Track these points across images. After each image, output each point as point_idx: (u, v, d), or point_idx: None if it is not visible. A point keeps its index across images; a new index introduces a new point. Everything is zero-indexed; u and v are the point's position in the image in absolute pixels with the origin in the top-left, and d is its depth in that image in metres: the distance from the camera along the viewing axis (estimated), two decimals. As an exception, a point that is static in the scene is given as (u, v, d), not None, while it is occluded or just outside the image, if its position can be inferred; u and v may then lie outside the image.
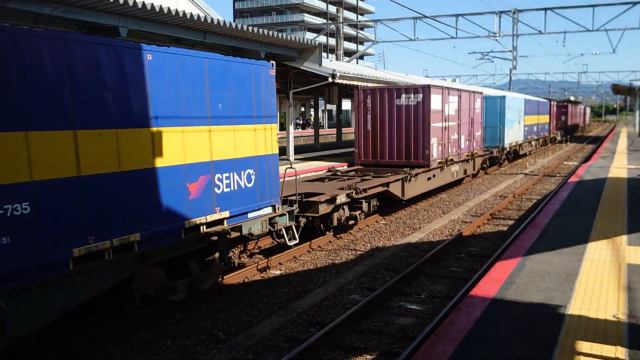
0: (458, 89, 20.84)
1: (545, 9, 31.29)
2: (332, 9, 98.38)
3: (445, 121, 18.95)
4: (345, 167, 18.94)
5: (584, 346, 5.45)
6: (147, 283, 7.71)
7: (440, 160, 18.69)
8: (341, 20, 36.79)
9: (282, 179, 10.24)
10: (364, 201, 13.67)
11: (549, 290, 7.15)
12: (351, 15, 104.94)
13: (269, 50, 19.59)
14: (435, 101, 18.02)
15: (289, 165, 10.81)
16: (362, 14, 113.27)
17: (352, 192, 13.04)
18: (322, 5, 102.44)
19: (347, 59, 40.02)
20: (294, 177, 11.65)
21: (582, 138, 60.39)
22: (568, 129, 56.10)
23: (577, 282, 7.50)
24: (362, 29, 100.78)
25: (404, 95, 17.84)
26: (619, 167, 21.86)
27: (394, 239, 13.54)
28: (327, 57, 35.07)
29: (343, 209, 13.03)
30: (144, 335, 7.79)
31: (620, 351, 5.33)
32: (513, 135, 30.01)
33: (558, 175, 26.31)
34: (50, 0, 12.12)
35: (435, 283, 10.07)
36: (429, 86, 17.78)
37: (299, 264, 11.37)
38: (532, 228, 11.02)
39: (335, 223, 12.84)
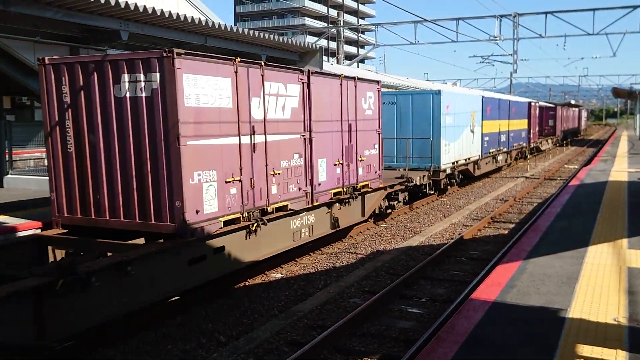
0: (300, 71, 10.96)
1: (546, 13, 31.37)
2: (333, 12, 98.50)
3: (254, 133, 9.53)
4: (25, 232, 9.16)
5: (584, 349, 5.45)
6: None
7: (234, 214, 9.12)
8: (342, 24, 36.84)
9: None
10: None
11: (549, 294, 7.16)
12: (352, 19, 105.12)
13: (270, 54, 19.64)
14: (198, 88, 8.33)
15: None
16: (362, 18, 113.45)
17: None
18: (323, 9, 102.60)
19: (347, 62, 40.09)
20: None
21: (582, 142, 60.36)
22: (559, 135, 49.11)
23: (577, 285, 7.50)
24: (362, 32, 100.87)
25: (126, 77, 8.30)
26: (620, 171, 21.86)
27: (394, 242, 13.54)
28: (328, 61, 35.09)
29: None
30: (144, 338, 7.79)
31: (621, 355, 5.33)
32: (460, 149, 21.32)
33: (559, 178, 26.32)
34: (51, 4, 12.16)
35: (436, 286, 10.07)
36: (170, 54, 7.93)
37: (299, 267, 11.38)
38: (532, 231, 11.02)
39: None
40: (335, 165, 12.20)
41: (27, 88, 15.46)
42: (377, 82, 14.44)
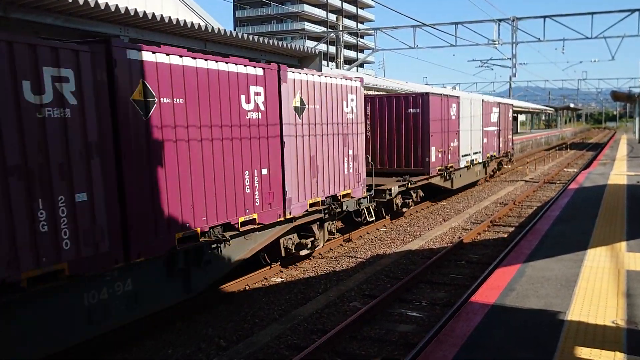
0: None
1: (544, 17, 31.46)
2: (332, 17, 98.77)
3: None
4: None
5: (583, 352, 5.48)
6: None
7: None
8: (341, 29, 36.94)
9: None
10: None
11: (548, 297, 7.18)
12: (351, 24, 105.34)
13: (269, 59, 19.72)
14: None
15: None
16: (362, 22, 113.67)
17: None
18: (322, 14, 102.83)
19: (347, 66, 40.19)
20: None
21: (582, 145, 60.35)
22: None
23: (576, 288, 7.53)
24: (362, 37, 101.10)
25: None
26: (619, 174, 21.90)
27: (394, 246, 13.56)
28: (328, 65, 35.15)
29: None
30: (145, 345, 7.81)
31: (619, 357, 5.35)
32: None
33: (558, 182, 26.35)
34: (51, 10, 12.23)
35: (435, 290, 10.10)
36: None
37: (299, 272, 11.39)
38: (532, 235, 11.05)
39: None
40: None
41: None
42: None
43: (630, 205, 14.13)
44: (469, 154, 21.71)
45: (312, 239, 11.62)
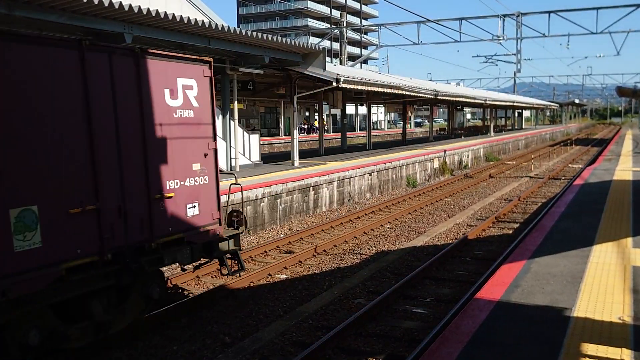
0: None
1: (549, 12, 31.32)
2: (336, 13, 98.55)
3: None
4: None
5: (589, 348, 5.45)
6: None
7: None
8: (345, 25, 36.88)
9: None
10: None
11: (554, 293, 7.16)
12: (355, 20, 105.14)
13: (273, 56, 19.67)
14: None
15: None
16: (365, 19, 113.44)
17: None
18: (326, 10, 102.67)
19: (351, 63, 40.13)
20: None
21: (587, 140, 60.12)
22: None
23: (582, 284, 7.50)
24: (365, 33, 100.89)
25: None
26: (624, 170, 21.81)
27: (399, 242, 13.55)
28: (331, 62, 35.14)
29: None
30: (150, 340, 7.83)
31: (626, 353, 5.33)
32: None
33: (563, 178, 26.27)
34: (55, 8, 12.22)
35: (440, 287, 10.08)
36: None
37: (304, 268, 11.40)
38: (537, 231, 11.01)
39: None
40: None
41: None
42: None
43: (636, 201, 14.07)
44: None
45: None
